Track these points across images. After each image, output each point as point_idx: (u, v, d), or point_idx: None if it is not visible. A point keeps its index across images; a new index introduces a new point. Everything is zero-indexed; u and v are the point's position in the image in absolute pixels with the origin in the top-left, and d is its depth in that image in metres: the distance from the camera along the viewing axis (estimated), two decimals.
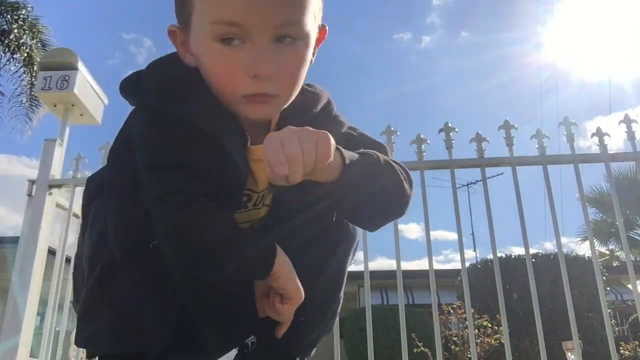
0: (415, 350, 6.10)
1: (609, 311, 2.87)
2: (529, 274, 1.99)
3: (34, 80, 10.77)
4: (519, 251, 8.81)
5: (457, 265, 15.40)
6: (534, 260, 2.93)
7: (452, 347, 6.79)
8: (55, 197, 2.31)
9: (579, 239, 17.31)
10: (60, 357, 2.28)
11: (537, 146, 2.16)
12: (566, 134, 2.18)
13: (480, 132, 2.18)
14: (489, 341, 6.51)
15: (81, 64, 2.43)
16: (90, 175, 1.05)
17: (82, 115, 2.51)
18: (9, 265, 2.33)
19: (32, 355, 2.13)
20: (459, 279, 7.35)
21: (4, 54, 12.09)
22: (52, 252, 2.30)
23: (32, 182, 2.29)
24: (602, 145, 2.15)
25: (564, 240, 16.39)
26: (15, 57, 12.10)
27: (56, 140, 2.37)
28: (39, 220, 2.21)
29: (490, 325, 6.59)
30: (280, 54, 0.79)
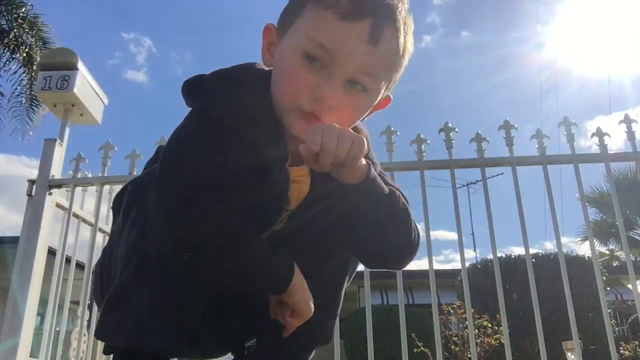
0: (415, 350, 6.09)
1: (609, 311, 2.86)
2: (529, 274, 1.99)
3: (34, 80, 10.77)
4: (519, 251, 8.81)
5: (457, 265, 15.42)
6: (534, 260, 2.93)
7: (452, 347, 6.79)
8: (55, 197, 2.31)
9: (579, 239, 17.33)
10: (60, 357, 2.28)
11: (537, 146, 2.16)
12: (566, 134, 2.18)
13: (480, 132, 2.19)
14: (489, 341, 6.51)
15: (81, 64, 2.43)
16: (135, 177, 1.11)
17: (82, 115, 2.51)
18: (9, 265, 2.33)
19: (32, 355, 2.13)
20: (459, 279, 7.35)
21: (3, 54, 12.08)
22: (52, 252, 2.30)
23: (32, 182, 2.29)
24: (602, 145, 2.15)
25: (564, 240, 16.40)
26: (15, 56, 12.08)
27: (56, 140, 2.37)
28: (39, 220, 2.21)
29: (490, 325, 6.58)
30: (347, 95, 0.84)
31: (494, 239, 2.07)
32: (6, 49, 12.02)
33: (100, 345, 2.30)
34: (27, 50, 12.06)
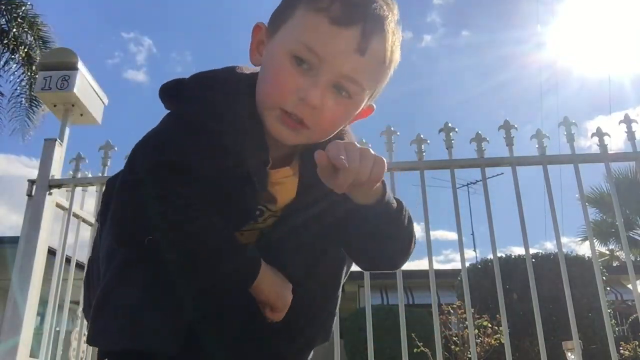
0: (415, 350, 6.09)
1: (609, 311, 2.86)
2: (529, 274, 1.99)
3: (34, 80, 10.77)
4: (519, 251, 8.81)
5: (457, 265, 15.42)
6: (534, 260, 2.93)
7: (452, 347, 6.79)
8: (55, 197, 2.31)
9: (579, 239, 17.34)
10: (60, 357, 2.28)
11: (537, 146, 2.16)
12: (566, 134, 2.18)
13: (480, 132, 2.19)
14: (489, 341, 6.51)
15: (81, 64, 2.43)
16: (110, 177, 1.08)
17: (82, 115, 2.51)
18: (9, 265, 2.33)
19: (32, 355, 2.13)
20: (459, 279, 7.35)
21: (3, 54, 12.07)
22: (52, 252, 2.30)
23: (32, 182, 2.29)
24: (602, 145, 2.15)
25: (564, 240, 16.38)
26: (14, 56, 12.08)
27: (56, 140, 2.37)
28: (39, 220, 2.21)
29: (490, 325, 6.58)
30: (331, 99, 0.85)
31: (494, 239, 2.07)
32: (6, 49, 12.02)
33: None
34: (26, 50, 12.05)
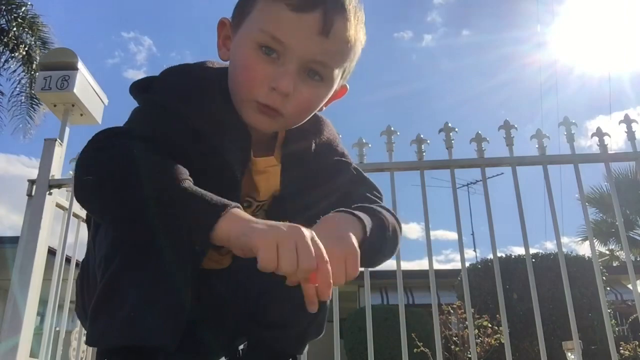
0: (415, 350, 6.09)
1: (609, 311, 2.87)
2: (529, 274, 1.99)
3: (34, 78, 10.77)
4: (519, 251, 8.81)
5: (457, 265, 15.43)
6: (534, 260, 2.93)
7: (452, 347, 6.79)
8: (55, 197, 2.31)
9: (579, 239, 17.32)
10: (60, 357, 2.28)
11: (537, 146, 2.16)
12: (566, 134, 2.18)
13: (480, 132, 2.19)
14: (489, 341, 6.51)
15: (81, 64, 2.43)
16: None
17: (82, 115, 2.51)
18: (9, 265, 2.33)
19: (32, 355, 2.13)
20: (459, 279, 7.35)
21: (3, 53, 12.08)
22: (52, 252, 2.30)
23: (32, 182, 2.28)
24: (602, 145, 2.15)
25: (564, 240, 16.40)
26: (14, 55, 12.08)
27: (56, 140, 2.37)
28: (39, 220, 2.20)
29: (490, 325, 6.58)
30: (303, 84, 0.85)
31: (494, 239, 2.07)
32: (5, 48, 12.02)
33: None
34: (26, 49, 12.06)
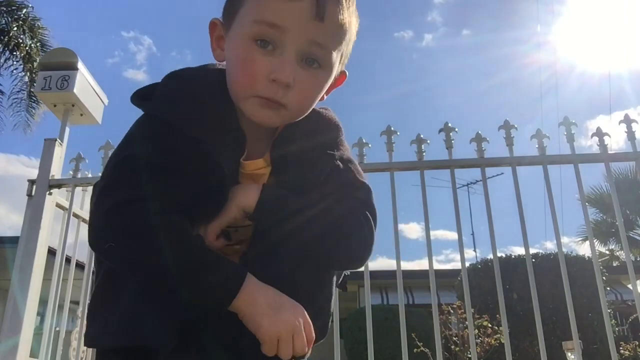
0: (415, 350, 6.09)
1: (609, 311, 2.87)
2: (529, 274, 1.99)
3: (35, 77, 10.77)
4: (519, 251, 8.82)
5: (457, 265, 15.43)
6: (534, 260, 2.93)
7: (452, 347, 6.80)
8: (55, 197, 2.31)
9: (579, 239, 17.34)
10: (60, 357, 2.28)
11: (537, 146, 2.16)
12: (566, 134, 2.18)
13: (480, 132, 2.19)
14: (489, 341, 6.51)
15: (81, 64, 2.43)
16: (97, 180, 1.07)
17: (82, 115, 2.51)
18: (9, 265, 2.33)
19: (32, 355, 2.13)
20: (459, 279, 7.35)
21: (3, 52, 12.10)
22: (52, 252, 2.30)
23: (32, 182, 2.28)
24: (602, 145, 2.15)
25: (564, 240, 16.41)
26: (15, 54, 12.12)
27: (56, 140, 2.37)
28: (39, 220, 2.21)
29: (490, 325, 6.59)
30: (303, 73, 0.84)
31: (494, 239, 2.07)
32: (6, 48, 12.05)
33: None
34: (27, 48, 12.10)
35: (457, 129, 2.19)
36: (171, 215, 0.81)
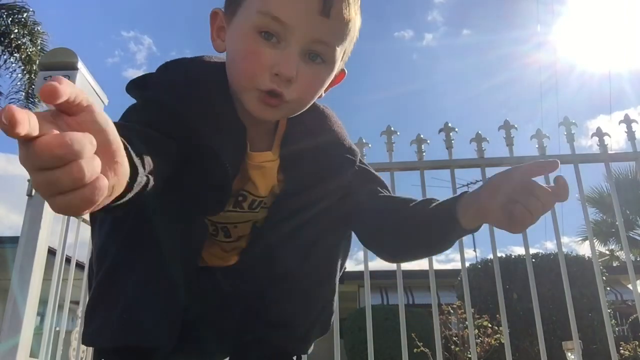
0: (415, 350, 6.09)
1: (609, 311, 2.87)
2: (529, 274, 1.99)
3: (35, 74, 10.79)
4: (519, 251, 8.82)
5: (457, 265, 15.42)
6: (534, 260, 2.93)
7: (452, 347, 6.79)
8: None
9: (579, 239, 17.32)
10: (60, 357, 2.28)
11: (537, 146, 2.16)
12: (566, 134, 2.18)
13: (480, 132, 2.19)
14: (489, 341, 6.51)
15: (81, 64, 2.42)
16: None
17: None
18: (9, 265, 2.33)
19: (32, 355, 2.13)
20: (459, 279, 7.34)
21: (2, 54, 12.12)
22: (52, 252, 2.30)
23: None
24: (602, 145, 2.15)
25: (564, 240, 16.39)
26: (15, 55, 12.13)
27: None
28: (39, 220, 2.20)
29: (490, 325, 6.58)
30: (306, 67, 0.83)
31: (494, 239, 2.07)
32: (6, 49, 12.07)
33: None
34: (26, 49, 12.11)
35: (457, 129, 2.19)
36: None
